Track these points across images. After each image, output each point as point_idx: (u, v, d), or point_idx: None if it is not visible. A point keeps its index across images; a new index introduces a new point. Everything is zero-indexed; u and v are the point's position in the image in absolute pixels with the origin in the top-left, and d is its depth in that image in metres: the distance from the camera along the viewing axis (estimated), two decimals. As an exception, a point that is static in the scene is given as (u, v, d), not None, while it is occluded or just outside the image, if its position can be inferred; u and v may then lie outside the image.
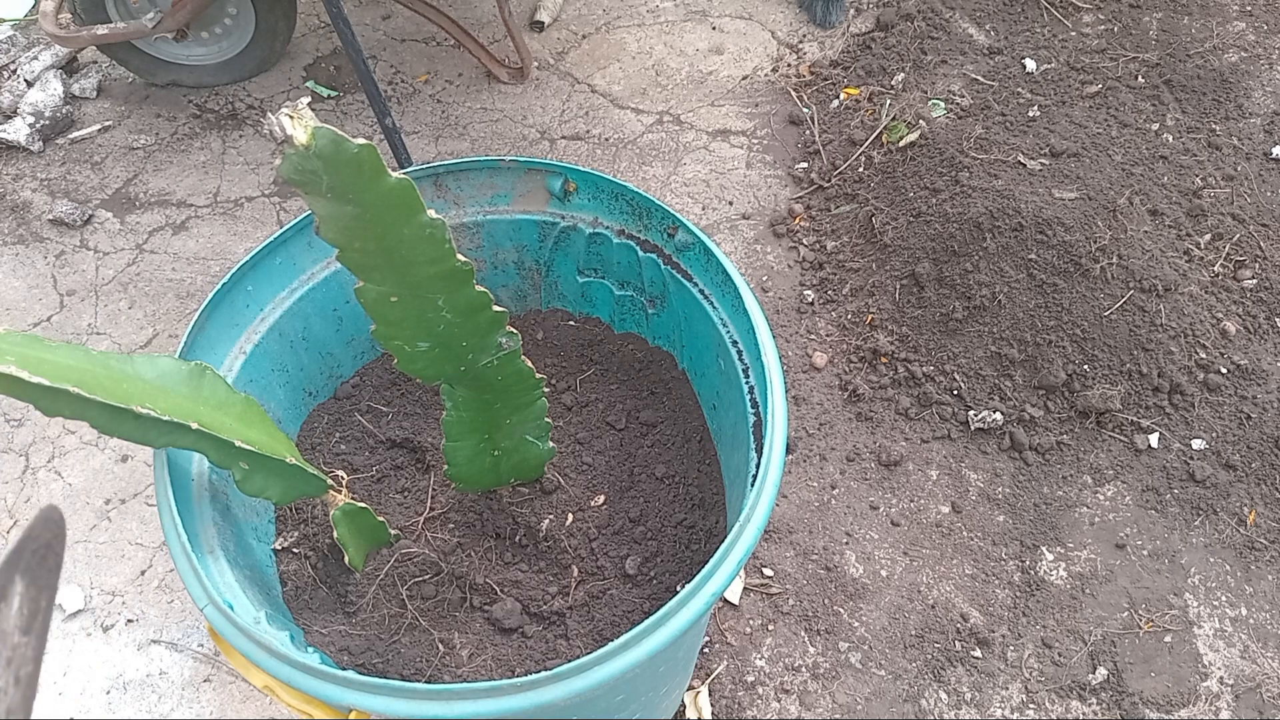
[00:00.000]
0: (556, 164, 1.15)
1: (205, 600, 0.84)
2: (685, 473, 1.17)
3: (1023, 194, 1.81)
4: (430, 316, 0.84)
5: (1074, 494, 1.68)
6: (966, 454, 1.72)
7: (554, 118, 2.36)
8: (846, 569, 1.60)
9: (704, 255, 1.10)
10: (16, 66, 2.47)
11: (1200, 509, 1.66)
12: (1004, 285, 1.76)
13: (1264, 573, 1.60)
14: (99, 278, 2.06)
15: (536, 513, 1.12)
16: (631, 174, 2.23)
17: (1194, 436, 1.71)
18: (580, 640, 1.04)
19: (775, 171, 2.21)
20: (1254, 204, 1.95)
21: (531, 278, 1.30)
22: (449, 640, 1.03)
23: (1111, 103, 2.11)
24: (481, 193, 1.19)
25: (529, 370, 0.97)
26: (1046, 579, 1.59)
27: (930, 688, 1.49)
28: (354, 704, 0.76)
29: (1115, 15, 2.38)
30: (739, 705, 1.47)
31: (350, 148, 0.63)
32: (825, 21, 2.51)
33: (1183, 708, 1.47)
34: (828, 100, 2.31)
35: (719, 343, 1.09)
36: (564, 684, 0.75)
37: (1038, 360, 1.72)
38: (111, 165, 2.28)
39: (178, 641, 1.54)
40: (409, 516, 1.14)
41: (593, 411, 1.23)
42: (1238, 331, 1.78)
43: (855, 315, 1.89)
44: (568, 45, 2.55)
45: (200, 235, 2.13)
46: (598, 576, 1.09)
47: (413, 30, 2.60)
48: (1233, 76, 2.24)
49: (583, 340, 1.31)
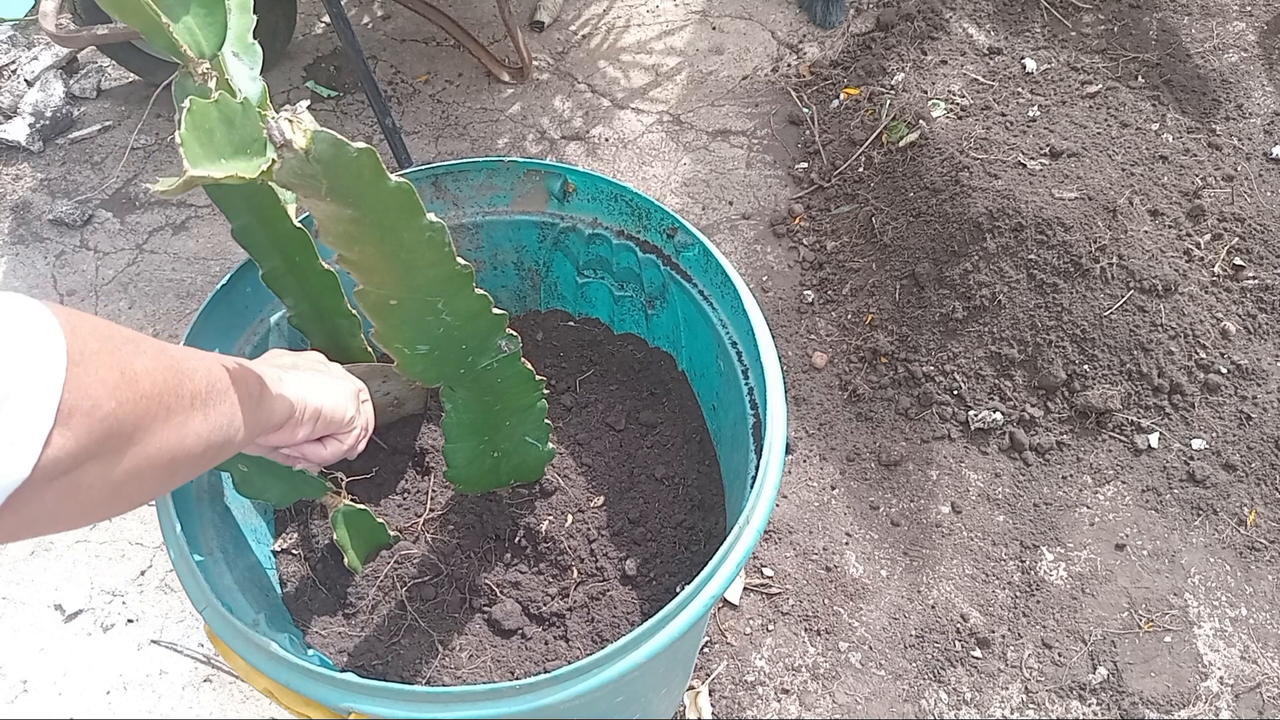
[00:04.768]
0: (556, 165, 1.15)
1: (204, 603, 0.84)
2: (685, 474, 1.17)
3: (1023, 194, 1.81)
4: (430, 319, 0.84)
5: (1074, 494, 1.68)
6: (966, 454, 1.72)
7: (554, 118, 2.36)
8: (846, 569, 1.60)
9: (703, 256, 1.10)
10: (16, 66, 2.47)
11: (1200, 509, 1.66)
12: (1004, 285, 1.76)
13: (1264, 573, 1.60)
14: (99, 278, 2.06)
15: (536, 514, 1.12)
16: (631, 174, 2.23)
17: (1194, 436, 1.71)
18: (580, 642, 1.04)
19: (775, 171, 2.21)
20: (1254, 204, 1.94)
21: (531, 279, 1.29)
22: (448, 642, 1.03)
23: (1111, 103, 2.11)
24: (480, 194, 1.19)
25: (529, 372, 0.97)
26: (1046, 579, 1.59)
27: (930, 688, 1.49)
28: (353, 706, 0.76)
29: (1115, 15, 2.38)
30: (739, 705, 1.47)
31: (350, 152, 0.63)
32: (825, 21, 2.51)
33: (1183, 708, 1.47)
34: (828, 100, 2.31)
35: (718, 344, 1.09)
36: (564, 687, 0.76)
37: (1038, 360, 1.72)
38: (111, 165, 2.28)
39: (178, 642, 1.54)
40: (408, 518, 1.14)
41: (592, 413, 1.23)
42: (1238, 331, 1.78)
43: (855, 315, 1.89)
44: (568, 45, 2.55)
45: (200, 235, 2.13)
46: (597, 578, 1.09)
47: (413, 30, 2.60)
48: (1233, 76, 2.24)
49: (582, 341, 1.31)
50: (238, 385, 0.63)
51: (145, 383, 0.50)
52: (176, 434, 0.54)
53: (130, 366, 0.49)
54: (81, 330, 0.46)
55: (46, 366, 0.43)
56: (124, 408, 0.48)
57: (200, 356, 0.60)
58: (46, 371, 0.43)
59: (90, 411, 0.45)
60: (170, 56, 0.78)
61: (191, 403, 0.55)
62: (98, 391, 0.46)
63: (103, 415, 0.46)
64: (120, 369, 0.48)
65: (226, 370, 0.62)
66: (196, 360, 0.58)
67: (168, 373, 0.53)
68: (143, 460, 0.51)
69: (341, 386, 0.84)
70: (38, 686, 1.50)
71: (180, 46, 0.77)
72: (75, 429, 0.44)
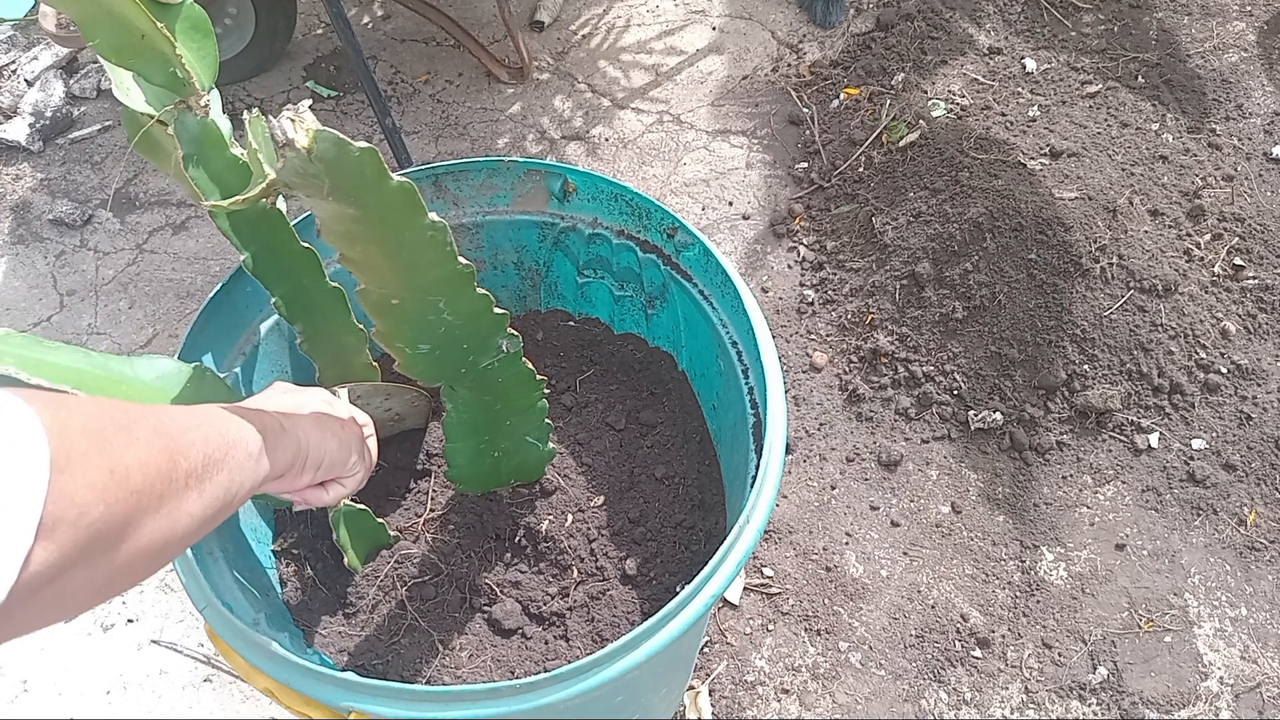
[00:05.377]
0: (556, 165, 1.15)
1: (204, 602, 0.84)
2: (685, 473, 1.17)
3: (1023, 194, 1.81)
4: (431, 319, 0.84)
5: (1074, 494, 1.68)
6: (966, 454, 1.72)
7: (554, 118, 2.36)
8: (846, 569, 1.60)
9: (703, 256, 1.10)
10: (16, 66, 2.47)
11: (1200, 509, 1.66)
12: (1004, 285, 1.76)
13: (1264, 573, 1.60)
14: (99, 278, 2.06)
15: (536, 514, 1.12)
16: (631, 174, 2.23)
17: (1194, 436, 1.71)
18: (580, 641, 1.04)
19: (775, 171, 2.21)
20: (1254, 204, 1.95)
21: (531, 278, 1.30)
22: (449, 641, 1.04)
23: (1111, 103, 2.11)
24: (481, 193, 1.19)
25: (530, 372, 0.97)
26: (1046, 579, 1.59)
27: (930, 688, 1.49)
28: (353, 706, 0.76)
29: (1115, 15, 2.38)
30: (739, 705, 1.47)
31: (352, 151, 0.63)
32: (825, 21, 2.51)
33: (1183, 708, 1.47)
34: (828, 100, 2.31)
35: (719, 343, 1.09)
36: (564, 686, 0.76)
37: (1038, 360, 1.72)
38: (111, 165, 2.28)
39: (178, 642, 1.54)
40: (409, 518, 1.14)
41: (592, 412, 1.23)
42: (1238, 331, 1.78)
43: (855, 315, 1.89)
44: (568, 45, 2.55)
45: (200, 235, 2.13)
46: (598, 577, 1.09)
47: (413, 30, 2.60)
48: (1233, 76, 2.24)
49: (582, 341, 1.31)
50: (237, 448, 0.60)
51: (137, 477, 0.47)
52: (169, 521, 0.51)
53: (121, 461, 0.46)
54: (69, 430, 0.44)
55: (27, 478, 0.40)
56: (113, 509, 0.45)
57: (198, 424, 0.57)
58: (27, 484, 0.40)
59: (76, 520, 0.43)
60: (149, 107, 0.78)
61: (186, 483, 0.52)
62: (84, 497, 0.43)
63: (89, 522, 0.44)
64: (110, 467, 0.45)
65: (226, 432, 0.60)
66: (194, 431, 0.56)
67: (162, 457, 0.50)
68: (133, 554, 0.48)
69: (346, 432, 0.82)
70: (37, 686, 1.50)
71: (191, 79, 0.77)
72: (59, 540, 0.42)
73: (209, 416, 0.60)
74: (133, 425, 0.49)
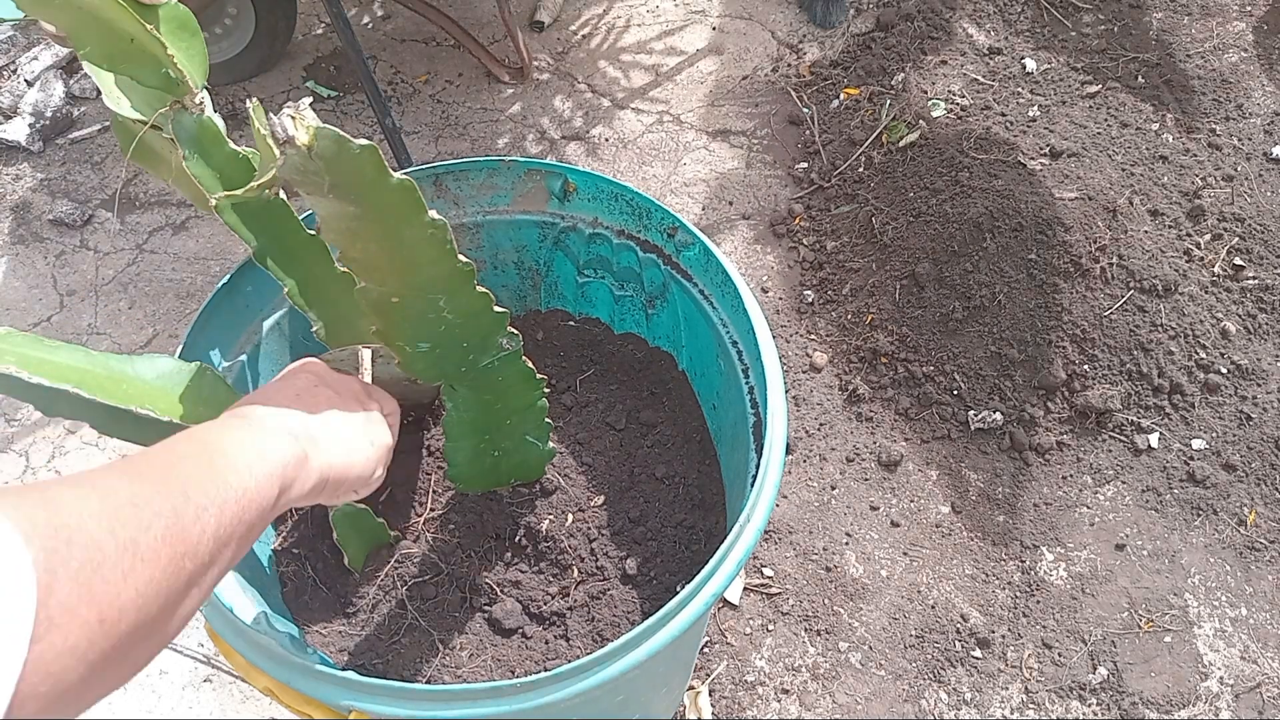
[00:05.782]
0: (556, 164, 1.15)
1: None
2: (685, 473, 1.17)
3: (1023, 194, 1.81)
4: (431, 317, 0.84)
5: (1074, 494, 1.68)
6: (966, 454, 1.72)
7: (554, 118, 2.36)
8: (846, 569, 1.60)
9: (704, 255, 1.10)
10: (16, 66, 2.47)
11: (1200, 509, 1.66)
12: (1004, 285, 1.76)
13: (1264, 573, 1.60)
14: (99, 278, 2.05)
15: (536, 513, 1.12)
16: (631, 174, 2.23)
17: (1194, 437, 1.71)
18: (580, 641, 1.04)
19: (775, 171, 2.21)
20: (1254, 204, 1.95)
21: (531, 278, 1.29)
22: (449, 641, 1.03)
23: (1111, 103, 2.11)
24: (481, 193, 1.19)
25: (530, 371, 0.97)
26: (1046, 579, 1.59)
27: (930, 688, 1.49)
28: (354, 705, 0.76)
29: (1115, 15, 2.38)
30: (739, 705, 1.47)
31: (353, 148, 0.63)
32: (825, 21, 2.51)
33: (1183, 708, 1.47)
34: (828, 100, 2.31)
35: (719, 343, 1.09)
36: (564, 685, 0.75)
37: (1038, 360, 1.72)
38: (111, 165, 2.28)
39: (177, 642, 1.54)
40: (408, 517, 1.13)
41: (592, 412, 1.23)
42: (1238, 331, 1.78)
43: (855, 315, 1.89)
44: (568, 45, 2.55)
45: (200, 235, 2.13)
46: (598, 577, 1.09)
47: (413, 30, 2.60)
48: (1233, 76, 2.24)
49: (582, 341, 1.30)
50: (250, 509, 0.55)
51: (132, 615, 0.43)
52: (162, 634, 0.47)
53: (115, 604, 0.42)
54: (62, 575, 0.39)
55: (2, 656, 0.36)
56: (102, 659, 0.42)
57: (217, 490, 0.52)
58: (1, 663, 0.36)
59: (49, 692, 0.39)
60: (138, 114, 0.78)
61: (188, 585, 0.48)
62: (62, 665, 0.39)
63: (69, 684, 0.40)
64: (100, 617, 0.41)
65: (244, 493, 0.54)
66: (210, 510, 0.50)
67: (168, 573, 0.46)
68: (123, 677, 0.45)
69: (375, 448, 0.78)
70: (37, 686, 1.50)
71: (184, 78, 0.77)
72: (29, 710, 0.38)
73: (233, 473, 0.55)
74: (140, 537, 0.44)
